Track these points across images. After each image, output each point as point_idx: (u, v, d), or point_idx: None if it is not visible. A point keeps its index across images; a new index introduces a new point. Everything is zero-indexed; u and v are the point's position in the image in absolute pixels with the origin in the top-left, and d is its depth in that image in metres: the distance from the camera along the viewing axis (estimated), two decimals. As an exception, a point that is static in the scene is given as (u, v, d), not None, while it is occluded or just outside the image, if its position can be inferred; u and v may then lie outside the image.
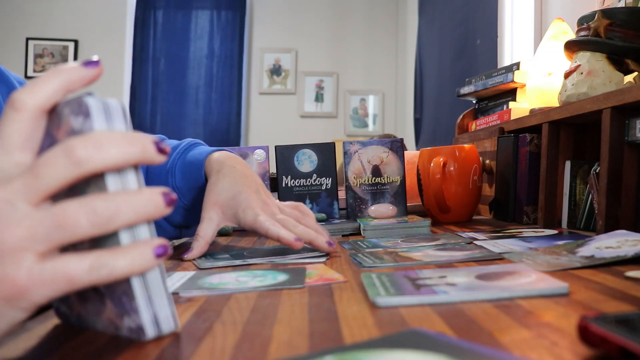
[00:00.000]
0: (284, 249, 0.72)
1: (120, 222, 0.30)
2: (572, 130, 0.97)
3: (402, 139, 1.09)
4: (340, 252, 0.69)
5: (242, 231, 1.03)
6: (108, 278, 0.30)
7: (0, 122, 0.32)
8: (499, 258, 0.59)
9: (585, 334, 0.27)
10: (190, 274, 0.56)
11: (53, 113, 0.33)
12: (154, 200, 0.31)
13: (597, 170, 0.82)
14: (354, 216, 1.04)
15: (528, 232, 0.81)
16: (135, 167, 0.32)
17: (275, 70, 4.09)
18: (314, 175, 1.06)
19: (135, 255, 0.30)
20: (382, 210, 1.00)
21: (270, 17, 4.10)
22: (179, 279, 0.53)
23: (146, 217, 0.31)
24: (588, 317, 0.28)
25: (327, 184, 1.06)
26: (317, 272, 0.55)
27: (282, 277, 0.52)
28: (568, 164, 0.92)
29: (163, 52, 4.02)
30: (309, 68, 4.09)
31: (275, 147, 1.07)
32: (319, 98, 4.10)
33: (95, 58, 0.34)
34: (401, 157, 1.06)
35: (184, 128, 3.98)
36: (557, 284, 0.42)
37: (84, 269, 0.29)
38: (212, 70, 4.03)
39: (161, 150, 0.32)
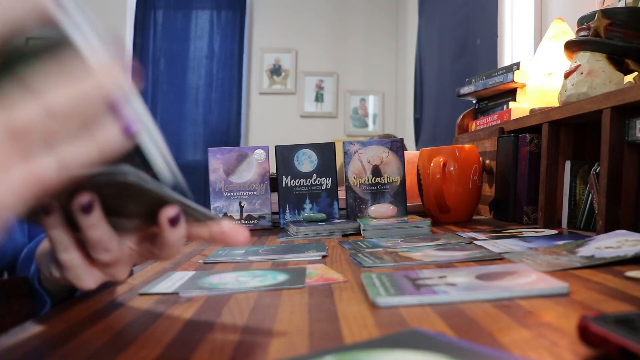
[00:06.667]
0: (291, 248, 0.72)
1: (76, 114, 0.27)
2: (572, 130, 0.97)
3: (402, 139, 1.09)
4: (340, 252, 0.69)
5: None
6: (80, 168, 0.28)
7: None
8: (499, 258, 0.59)
9: (585, 334, 0.27)
10: (190, 274, 0.56)
11: None
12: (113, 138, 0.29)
13: (597, 170, 0.82)
14: (354, 216, 1.04)
15: (528, 232, 0.81)
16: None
17: (275, 70, 4.09)
18: (314, 175, 1.06)
19: (101, 138, 0.28)
20: (382, 210, 1.00)
21: (270, 17, 4.09)
22: (179, 278, 0.53)
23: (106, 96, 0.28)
24: (588, 317, 0.28)
25: (327, 184, 1.06)
26: (317, 272, 0.55)
27: (282, 277, 0.52)
28: (568, 164, 0.92)
29: (163, 52, 4.02)
30: (309, 68, 4.09)
31: (275, 147, 1.07)
32: (319, 98, 4.10)
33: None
34: (401, 157, 1.06)
35: (184, 128, 3.97)
36: (557, 284, 0.42)
37: (51, 167, 0.27)
38: (212, 70, 4.02)
39: None
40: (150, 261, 0.48)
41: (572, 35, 1.10)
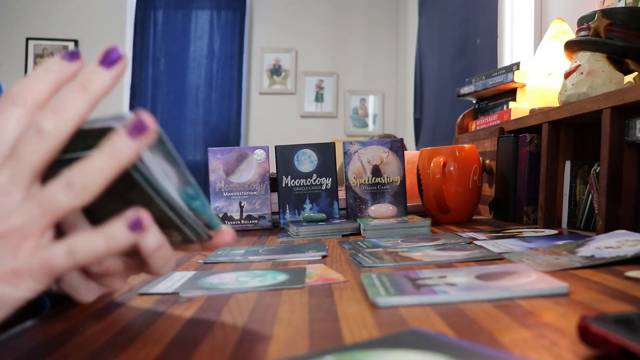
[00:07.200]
0: (292, 248, 0.72)
1: (96, 187, 0.30)
2: (572, 130, 0.97)
3: (402, 139, 1.09)
4: (340, 252, 0.69)
5: (242, 231, 1.03)
6: (87, 259, 0.30)
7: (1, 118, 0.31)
8: (499, 258, 0.59)
9: (585, 334, 0.27)
10: (190, 274, 0.56)
11: None
12: (123, 147, 0.30)
13: (597, 170, 0.82)
14: (354, 216, 1.04)
15: (528, 232, 0.81)
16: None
17: (275, 70, 4.09)
18: (314, 175, 1.06)
19: (108, 234, 0.30)
20: (382, 210, 1.00)
21: (270, 17, 4.09)
22: (179, 279, 0.53)
23: (124, 166, 0.30)
24: (588, 317, 0.28)
25: (327, 184, 1.06)
26: (317, 272, 0.55)
27: (282, 277, 0.52)
28: (568, 164, 0.92)
29: (163, 52, 4.02)
30: (309, 68, 4.09)
31: (275, 147, 1.07)
32: (319, 98, 4.10)
33: (73, 50, 0.33)
34: (401, 157, 1.06)
35: (184, 128, 3.97)
36: (557, 284, 0.42)
37: (60, 256, 0.30)
38: (212, 70, 4.02)
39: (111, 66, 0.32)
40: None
41: (572, 35, 1.10)
